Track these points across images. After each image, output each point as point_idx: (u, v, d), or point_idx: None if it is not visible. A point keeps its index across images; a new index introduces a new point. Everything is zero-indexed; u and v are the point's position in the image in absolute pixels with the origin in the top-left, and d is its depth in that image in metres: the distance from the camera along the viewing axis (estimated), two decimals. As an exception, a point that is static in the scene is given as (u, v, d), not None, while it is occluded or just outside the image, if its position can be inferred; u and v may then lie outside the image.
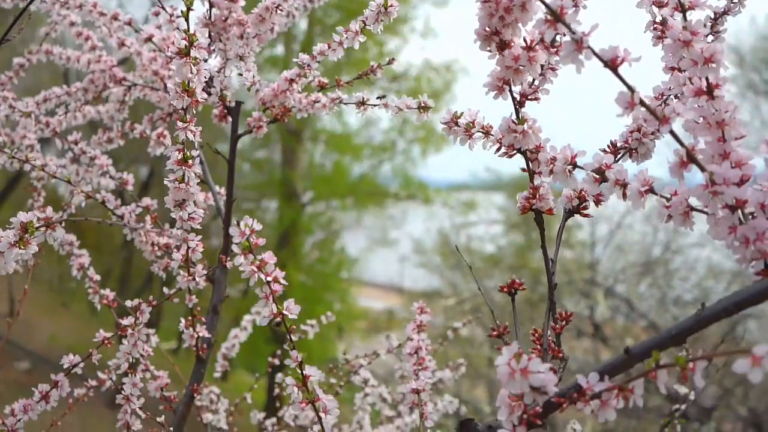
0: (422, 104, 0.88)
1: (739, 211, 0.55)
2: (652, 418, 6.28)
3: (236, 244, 0.63)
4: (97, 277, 1.14)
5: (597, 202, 0.71)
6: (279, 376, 1.27)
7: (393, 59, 1.06)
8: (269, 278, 0.65)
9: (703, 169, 0.53)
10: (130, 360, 0.96)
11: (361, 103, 1.00)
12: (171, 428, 0.98)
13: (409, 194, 11.74)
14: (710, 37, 0.75)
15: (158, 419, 0.96)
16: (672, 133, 0.53)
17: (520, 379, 0.52)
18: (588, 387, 0.54)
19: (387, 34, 11.41)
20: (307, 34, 10.76)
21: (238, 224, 0.63)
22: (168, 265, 1.05)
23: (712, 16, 0.76)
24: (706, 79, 0.56)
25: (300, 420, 1.35)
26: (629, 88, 0.53)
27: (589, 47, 0.52)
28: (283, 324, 0.67)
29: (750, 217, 0.55)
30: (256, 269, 0.64)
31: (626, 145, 0.72)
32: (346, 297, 11.11)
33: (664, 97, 0.72)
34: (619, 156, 0.72)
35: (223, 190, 1.17)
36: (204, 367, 1.04)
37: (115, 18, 1.14)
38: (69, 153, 1.27)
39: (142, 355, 1.02)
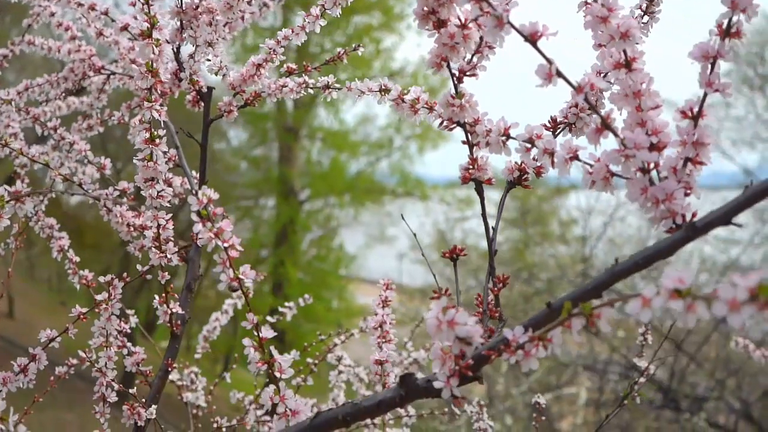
0: (383, 87, 0.92)
1: (655, 174, 0.60)
2: (644, 410, 6.34)
3: (194, 212, 0.67)
4: (77, 259, 1.18)
5: (538, 174, 0.75)
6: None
7: (359, 45, 1.10)
8: (226, 245, 0.69)
9: (616, 135, 0.57)
10: (105, 334, 1.00)
11: (326, 87, 1.04)
12: (144, 400, 1.02)
13: (406, 191, 11.79)
14: (645, 17, 0.80)
15: (131, 391, 1.01)
16: (587, 101, 0.57)
17: (446, 330, 0.56)
18: (513, 339, 0.58)
19: (383, 31, 11.47)
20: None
21: (196, 194, 0.67)
22: (143, 246, 1.09)
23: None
24: (624, 52, 0.60)
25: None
26: (547, 60, 0.57)
27: (509, 23, 0.56)
28: (240, 288, 0.71)
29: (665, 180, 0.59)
30: (213, 236, 0.68)
31: (565, 120, 0.76)
32: (344, 294, 11.16)
33: (602, 74, 0.76)
34: (558, 130, 0.76)
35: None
36: (178, 343, 1.08)
37: (92, 8, 1.18)
38: (50, 140, 1.31)
39: (119, 331, 1.06)
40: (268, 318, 1.38)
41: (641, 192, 0.57)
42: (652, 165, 0.57)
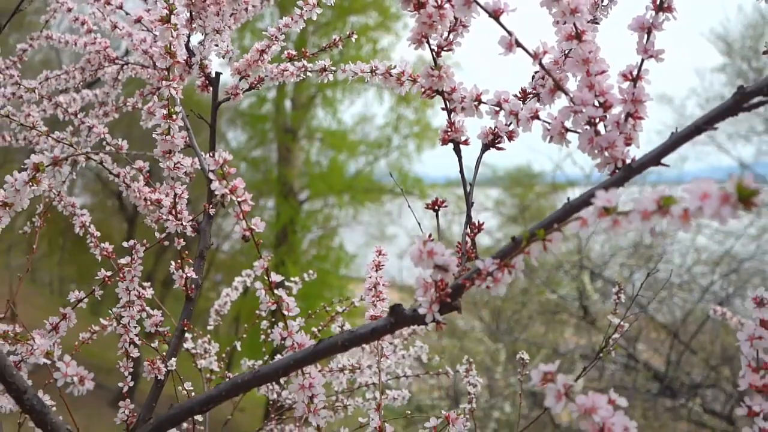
0: (373, 68, 1.02)
1: (602, 128, 0.70)
2: (641, 399, 6.46)
3: (211, 171, 0.78)
4: (98, 234, 1.29)
5: (510, 138, 0.86)
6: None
7: (352, 32, 1.21)
8: (240, 199, 0.79)
9: (567, 94, 0.68)
10: (129, 295, 1.11)
11: (323, 70, 1.15)
12: (164, 354, 1.12)
13: (405, 190, 11.87)
14: (606, 0, 0.90)
15: (153, 345, 1.11)
16: (541, 66, 0.68)
17: (426, 259, 0.67)
18: (485, 268, 0.69)
19: (380, 31, 11.59)
20: (301, 32, 10.92)
21: (213, 155, 0.78)
22: (160, 218, 1.19)
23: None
24: (575, 25, 0.71)
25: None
26: (508, 32, 0.68)
27: (475, 1, 0.67)
28: (251, 238, 0.81)
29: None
30: (229, 192, 0.79)
31: (534, 91, 0.87)
32: (345, 293, 11.24)
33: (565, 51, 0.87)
34: (528, 99, 0.87)
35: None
36: (193, 305, 1.19)
37: (107, 3, 1.28)
38: (69, 127, 1.42)
39: (138, 296, 1.17)
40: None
41: (589, 142, 0.68)
42: (597, 119, 0.68)
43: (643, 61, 0.70)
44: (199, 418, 1.32)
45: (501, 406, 5.84)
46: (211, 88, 1.20)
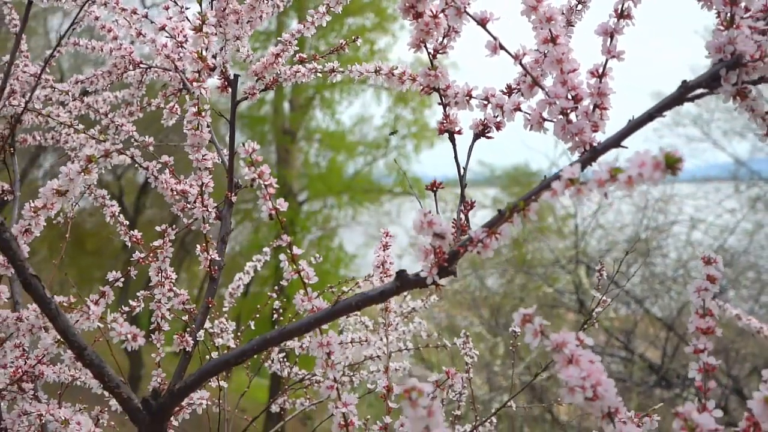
0: (377, 68, 1.15)
1: (574, 117, 0.83)
2: (637, 391, 6.60)
3: (242, 158, 0.91)
4: (127, 222, 1.42)
5: (497, 128, 0.99)
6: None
7: (357, 37, 1.34)
8: (266, 183, 0.92)
9: (543, 89, 0.81)
10: (160, 274, 1.24)
11: (332, 71, 1.28)
12: (193, 326, 1.25)
13: (403, 190, 12.02)
14: (579, 6, 1.03)
15: (183, 318, 1.24)
16: (522, 65, 0.81)
17: (426, 228, 0.80)
18: (476, 236, 0.82)
19: (377, 32, 11.73)
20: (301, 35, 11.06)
21: (243, 144, 0.91)
22: (185, 207, 1.32)
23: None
24: (550, 31, 0.84)
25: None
26: (493, 37, 0.81)
27: (466, 12, 0.80)
28: (276, 216, 0.94)
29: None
30: (257, 177, 0.92)
31: (518, 87, 1.00)
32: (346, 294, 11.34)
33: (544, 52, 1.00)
34: (513, 94, 1.00)
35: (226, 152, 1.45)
36: (216, 285, 1.32)
37: (134, 12, 1.41)
38: (97, 126, 1.55)
39: (165, 278, 1.29)
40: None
41: (562, 129, 0.81)
42: (569, 110, 0.81)
43: (607, 60, 0.83)
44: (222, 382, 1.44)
45: (500, 399, 5.98)
46: (230, 89, 1.33)
